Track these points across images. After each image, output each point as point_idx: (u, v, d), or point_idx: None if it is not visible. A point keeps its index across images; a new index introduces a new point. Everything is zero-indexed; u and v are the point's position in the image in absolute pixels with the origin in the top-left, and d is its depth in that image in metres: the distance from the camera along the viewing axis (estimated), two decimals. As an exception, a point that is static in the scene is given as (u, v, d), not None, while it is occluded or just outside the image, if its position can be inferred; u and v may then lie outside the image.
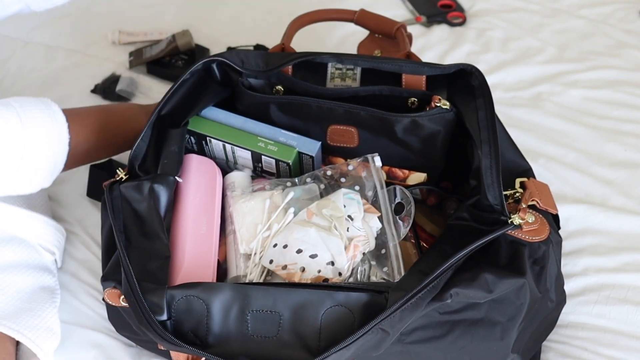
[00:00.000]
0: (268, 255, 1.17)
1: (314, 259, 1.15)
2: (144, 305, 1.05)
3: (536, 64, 1.75)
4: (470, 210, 1.16)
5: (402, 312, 1.02)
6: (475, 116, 1.17)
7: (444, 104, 1.22)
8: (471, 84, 1.21)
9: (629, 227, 1.40)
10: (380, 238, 1.18)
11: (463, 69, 1.22)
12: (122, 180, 1.20)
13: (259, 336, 1.06)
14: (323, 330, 1.05)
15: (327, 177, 1.25)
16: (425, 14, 1.88)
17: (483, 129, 1.16)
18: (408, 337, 1.08)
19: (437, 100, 1.22)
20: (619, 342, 1.23)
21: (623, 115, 1.61)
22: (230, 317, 1.07)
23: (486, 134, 1.15)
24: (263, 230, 1.20)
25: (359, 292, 1.06)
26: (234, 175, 1.30)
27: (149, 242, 1.15)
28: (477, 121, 1.17)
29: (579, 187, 1.47)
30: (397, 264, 1.15)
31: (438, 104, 1.22)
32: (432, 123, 1.22)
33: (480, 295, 1.06)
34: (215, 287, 1.07)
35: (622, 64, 1.73)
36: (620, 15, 1.85)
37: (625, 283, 1.30)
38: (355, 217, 1.17)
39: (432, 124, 1.22)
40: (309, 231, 1.16)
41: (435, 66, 1.25)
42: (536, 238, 1.12)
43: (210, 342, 1.07)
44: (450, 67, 1.24)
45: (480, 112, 1.17)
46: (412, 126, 1.23)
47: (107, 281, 1.12)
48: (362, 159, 1.23)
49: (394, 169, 1.29)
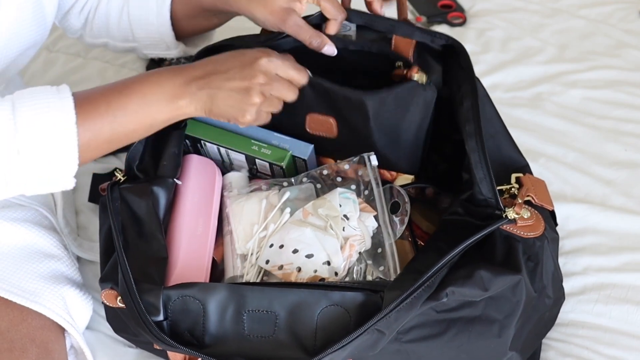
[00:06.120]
0: (264, 255, 1.18)
1: (310, 259, 1.15)
2: (140, 306, 1.05)
3: (536, 64, 1.74)
4: (464, 205, 1.15)
5: (398, 312, 1.02)
6: (462, 108, 1.16)
7: (420, 77, 1.19)
8: (461, 65, 1.20)
9: (629, 226, 1.39)
10: (377, 237, 1.18)
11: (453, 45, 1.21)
12: (120, 182, 1.21)
13: (255, 336, 1.07)
14: (319, 330, 1.06)
15: (323, 176, 1.25)
16: (425, 14, 1.88)
17: (468, 121, 1.15)
18: (405, 336, 1.08)
19: (415, 71, 1.20)
20: (619, 341, 1.23)
21: (623, 115, 1.61)
22: (226, 317, 1.07)
23: (472, 127, 1.14)
24: (260, 231, 1.20)
25: (355, 291, 1.06)
26: (231, 176, 1.30)
27: (146, 243, 1.15)
28: (463, 112, 1.16)
29: (579, 187, 1.47)
30: (393, 263, 1.15)
31: (415, 78, 1.20)
32: (406, 100, 1.20)
33: (476, 293, 1.06)
34: (212, 287, 1.08)
35: (622, 64, 1.72)
36: (620, 15, 1.85)
37: (626, 282, 1.30)
38: (351, 217, 1.17)
39: (406, 100, 1.20)
40: (305, 231, 1.17)
41: (426, 32, 1.23)
42: (531, 234, 1.12)
43: (206, 342, 1.07)
44: (441, 37, 1.22)
45: (465, 102, 1.16)
46: (383, 106, 1.20)
47: (104, 282, 1.12)
48: (358, 158, 1.23)
49: (382, 171, 1.28)
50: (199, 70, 1.11)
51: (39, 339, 1.16)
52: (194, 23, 1.36)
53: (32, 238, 1.26)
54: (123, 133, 1.10)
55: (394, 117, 1.21)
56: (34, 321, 1.17)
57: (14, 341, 1.14)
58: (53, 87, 1.08)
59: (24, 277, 1.20)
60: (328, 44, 1.21)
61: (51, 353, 1.17)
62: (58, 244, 1.29)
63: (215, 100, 1.10)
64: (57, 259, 1.27)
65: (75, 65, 1.81)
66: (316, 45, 1.21)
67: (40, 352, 1.15)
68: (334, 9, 1.23)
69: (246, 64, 1.10)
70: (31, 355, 1.14)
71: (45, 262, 1.24)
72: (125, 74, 1.75)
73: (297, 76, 1.14)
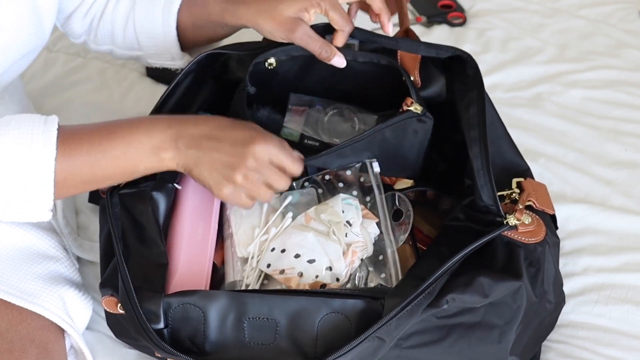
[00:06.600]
0: (266, 259, 1.18)
1: (312, 264, 1.15)
2: (140, 314, 1.05)
3: (536, 64, 1.75)
4: (465, 211, 1.15)
5: (399, 320, 1.02)
6: (468, 113, 1.17)
7: (415, 108, 1.19)
8: (467, 73, 1.21)
9: (629, 226, 1.39)
10: (378, 244, 1.18)
11: (460, 56, 1.22)
12: (120, 187, 1.21)
13: (255, 344, 1.07)
14: (320, 337, 1.06)
15: (324, 181, 1.25)
16: (425, 15, 1.88)
17: (473, 127, 1.15)
18: (406, 342, 1.08)
19: (409, 103, 1.19)
20: (619, 342, 1.23)
21: (623, 115, 1.61)
22: (227, 324, 1.07)
23: (476, 132, 1.14)
24: (261, 234, 1.20)
25: (355, 299, 1.06)
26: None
27: (147, 249, 1.15)
28: (468, 118, 1.16)
29: (579, 187, 1.47)
30: (395, 270, 1.15)
31: (409, 108, 1.19)
32: (404, 130, 1.20)
33: (477, 300, 1.06)
34: (212, 295, 1.07)
35: (622, 64, 1.73)
36: (620, 15, 1.85)
37: (626, 283, 1.30)
38: (353, 223, 1.17)
39: (401, 130, 1.20)
40: (307, 236, 1.16)
41: (431, 46, 1.24)
42: (532, 239, 1.12)
43: (207, 349, 1.07)
44: (447, 50, 1.23)
45: (471, 107, 1.17)
46: (382, 137, 1.21)
47: (104, 288, 1.12)
48: (360, 165, 1.23)
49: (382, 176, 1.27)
50: (194, 129, 1.09)
51: (39, 340, 1.16)
52: (200, 34, 1.35)
53: (31, 239, 1.26)
54: (101, 176, 1.10)
55: (394, 145, 1.22)
56: (33, 322, 1.17)
57: (14, 342, 1.14)
58: (42, 117, 1.08)
59: (23, 279, 1.20)
60: (337, 55, 1.21)
61: (51, 353, 1.17)
62: (57, 245, 1.29)
63: (199, 164, 1.09)
64: (56, 260, 1.27)
65: (75, 65, 1.80)
66: (325, 56, 1.20)
67: (40, 352, 1.15)
68: (342, 19, 1.22)
69: (239, 143, 1.08)
70: (31, 355, 1.13)
71: (44, 264, 1.24)
72: (125, 74, 1.76)
73: (291, 166, 1.11)
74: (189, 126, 1.10)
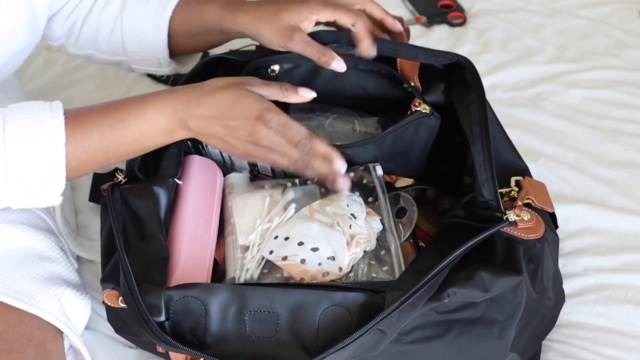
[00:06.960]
0: (268, 246, 1.17)
1: (315, 252, 1.14)
2: (141, 307, 1.05)
3: (536, 64, 1.75)
4: (465, 208, 1.16)
5: (400, 313, 1.02)
6: (468, 112, 1.17)
7: (424, 108, 1.21)
8: (465, 78, 1.21)
9: (629, 226, 1.39)
10: (381, 239, 1.18)
11: (458, 62, 1.22)
12: (121, 183, 1.21)
13: (257, 336, 1.07)
14: (321, 330, 1.06)
15: (327, 180, 1.25)
16: (425, 14, 1.89)
17: (475, 124, 1.16)
18: (406, 337, 1.08)
19: (417, 103, 1.21)
20: (619, 342, 1.23)
21: (623, 115, 1.61)
22: (228, 317, 1.07)
23: (478, 129, 1.15)
24: (263, 223, 1.20)
25: (357, 292, 1.06)
26: (233, 177, 1.30)
27: (148, 243, 1.15)
28: (469, 117, 1.17)
29: (579, 187, 1.47)
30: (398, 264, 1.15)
31: (418, 108, 1.21)
32: (411, 130, 1.22)
33: (477, 294, 1.06)
34: (213, 287, 1.08)
35: (622, 64, 1.73)
36: (620, 15, 1.86)
37: (626, 283, 1.30)
38: (358, 216, 1.17)
39: (411, 130, 1.22)
40: (312, 225, 1.16)
41: (430, 52, 1.24)
42: (531, 236, 1.12)
43: (208, 342, 1.07)
44: (445, 56, 1.23)
45: (472, 106, 1.17)
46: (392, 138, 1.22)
47: (106, 282, 1.12)
48: (363, 168, 1.23)
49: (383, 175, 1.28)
50: (200, 108, 1.11)
51: (37, 340, 1.16)
52: (192, 42, 1.35)
53: (28, 240, 1.26)
54: (113, 158, 1.14)
55: (401, 145, 1.23)
56: (31, 322, 1.17)
57: (11, 342, 1.14)
58: (46, 103, 1.09)
59: (20, 280, 1.20)
60: (336, 60, 1.20)
61: (49, 354, 1.17)
62: (54, 246, 1.29)
63: (212, 139, 1.13)
64: (53, 261, 1.26)
65: (75, 65, 1.80)
66: (324, 60, 1.20)
67: (38, 352, 1.15)
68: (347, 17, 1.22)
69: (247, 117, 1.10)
70: (29, 356, 1.13)
71: (41, 265, 1.24)
72: (126, 74, 1.76)
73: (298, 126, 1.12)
74: (194, 107, 1.11)
